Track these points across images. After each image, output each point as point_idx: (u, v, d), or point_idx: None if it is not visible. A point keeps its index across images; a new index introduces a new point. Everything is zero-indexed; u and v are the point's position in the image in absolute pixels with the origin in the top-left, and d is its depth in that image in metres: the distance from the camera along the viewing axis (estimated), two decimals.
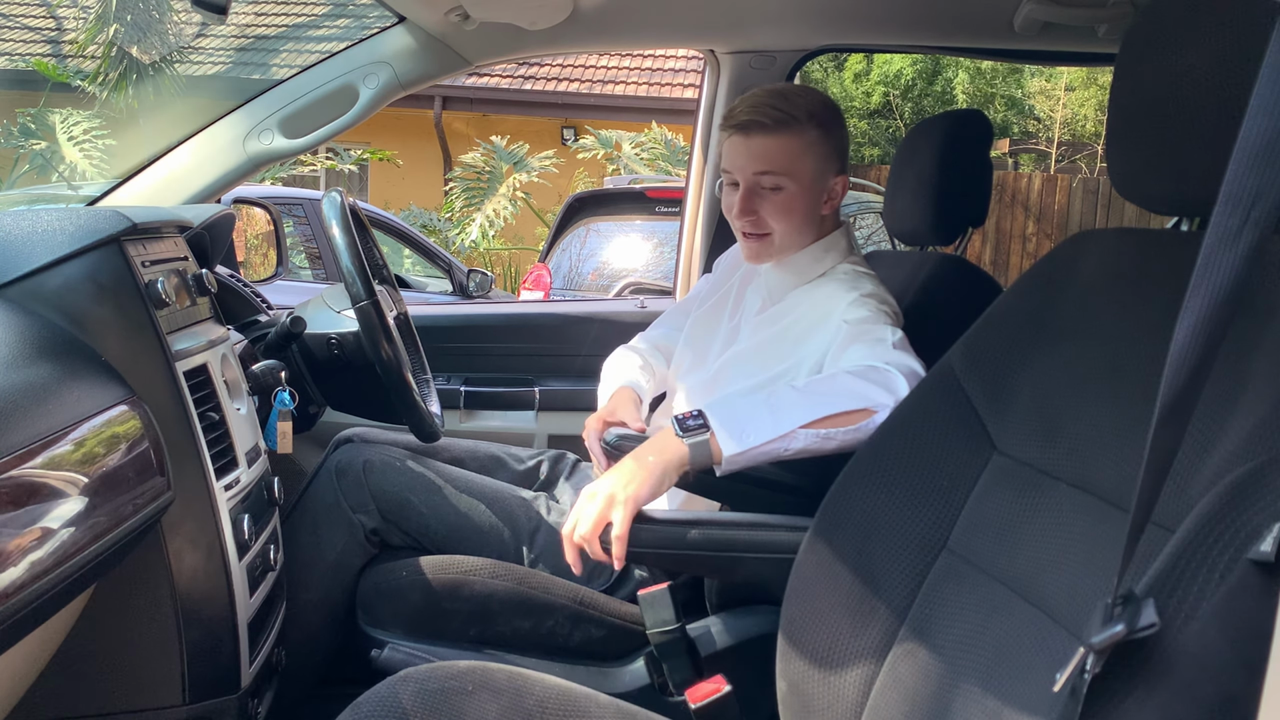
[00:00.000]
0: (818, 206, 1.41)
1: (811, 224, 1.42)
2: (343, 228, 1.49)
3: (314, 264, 5.28)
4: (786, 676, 0.95)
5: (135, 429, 0.97)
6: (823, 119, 1.37)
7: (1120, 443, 0.76)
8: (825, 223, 1.44)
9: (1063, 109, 12.69)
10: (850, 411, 1.13)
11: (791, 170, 1.36)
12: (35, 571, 0.77)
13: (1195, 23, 0.76)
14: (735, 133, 1.38)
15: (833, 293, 1.36)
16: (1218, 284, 0.47)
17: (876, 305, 1.31)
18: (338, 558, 1.44)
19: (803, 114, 1.35)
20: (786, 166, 1.36)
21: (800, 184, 1.37)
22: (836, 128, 1.40)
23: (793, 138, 1.35)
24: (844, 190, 1.42)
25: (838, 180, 1.41)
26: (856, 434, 1.13)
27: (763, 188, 1.37)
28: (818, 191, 1.39)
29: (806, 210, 1.39)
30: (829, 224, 1.45)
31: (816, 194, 1.39)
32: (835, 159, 1.40)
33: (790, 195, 1.37)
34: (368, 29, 1.76)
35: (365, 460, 1.47)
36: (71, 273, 1.04)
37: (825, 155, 1.38)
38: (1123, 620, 0.54)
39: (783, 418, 1.13)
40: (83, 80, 7.81)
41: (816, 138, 1.36)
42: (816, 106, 1.38)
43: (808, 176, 1.37)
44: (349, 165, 7.71)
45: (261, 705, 1.26)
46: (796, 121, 1.35)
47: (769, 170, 1.36)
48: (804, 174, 1.37)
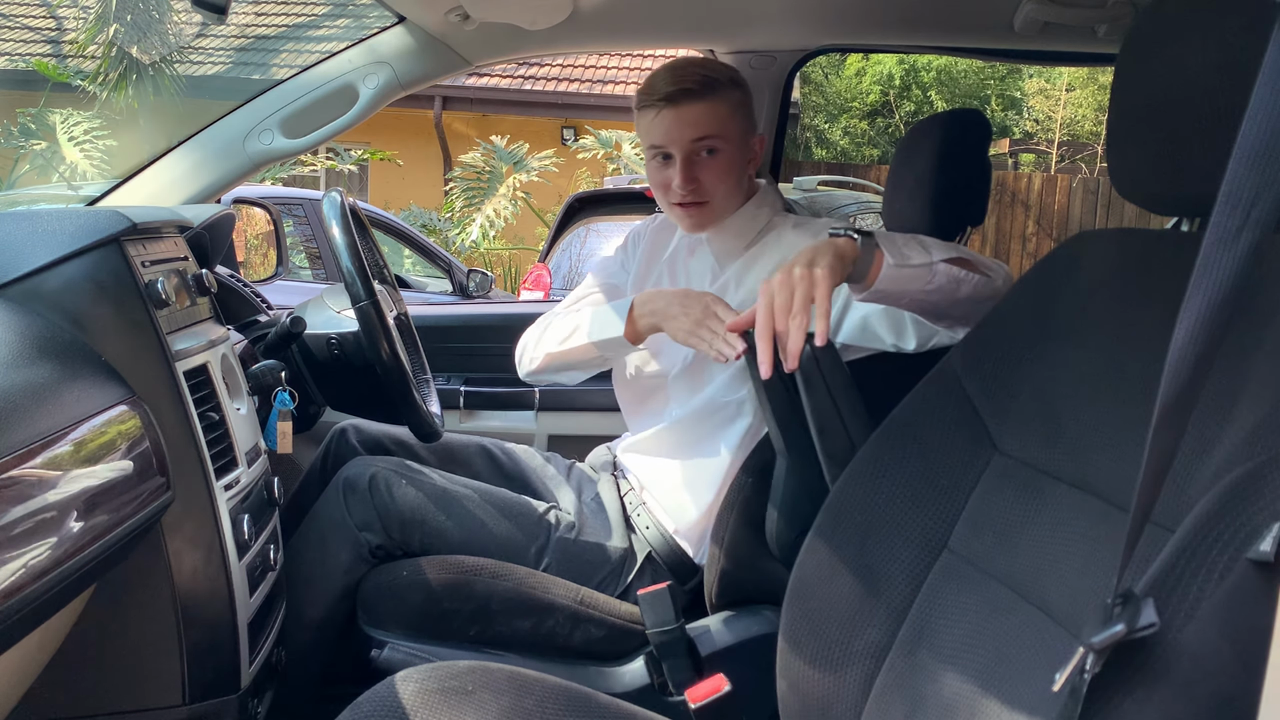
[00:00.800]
0: (746, 167, 1.48)
1: (743, 185, 1.48)
2: (343, 228, 1.49)
3: (314, 264, 5.28)
4: (786, 676, 0.95)
5: (135, 429, 0.97)
6: (739, 81, 1.44)
7: (1120, 443, 0.76)
8: (751, 184, 1.52)
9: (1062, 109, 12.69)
10: (979, 267, 1.17)
11: (725, 132, 1.41)
12: (35, 571, 0.77)
13: (1195, 23, 0.76)
14: (663, 105, 1.42)
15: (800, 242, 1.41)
16: (1217, 284, 0.47)
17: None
18: (344, 575, 1.43)
19: (724, 77, 1.42)
20: (719, 129, 1.40)
21: (733, 144, 1.42)
22: (748, 91, 1.47)
23: (720, 101, 1.40)
24: (762, 149, 1.51)
25: (757, 139, 1.49)
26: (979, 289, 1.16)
27: (700, 154, 1.41)
28: (746, 150, 1.46)
29: (739, 170, 1.46)
30: (751, 186, 1.52)
31: (745, 153, 1.46)
32: (753, 120, 1.48)
33: (727, 157, 1.42)
34: (368, 29, 1.76)
35: (372, 475, 1.45)
36: (71, 273, 1.04)
37: (747, 115, 1.45)
38: (1122, 620, 0.54)
39: (931, 250, 1.14)
40: (83, 80, 7.81)
41: (739, 99, 1.43)
42: (731, 71, 1.45)
43: (737, 136, 1.43)
44: (349, 165, 7.70)
45: (261, 705, 1.26)
46: (721, 85, 1.40)
47: (706, 135, 1.40)
48: (734, 135, 1.42)
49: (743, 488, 1.40)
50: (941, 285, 1.14)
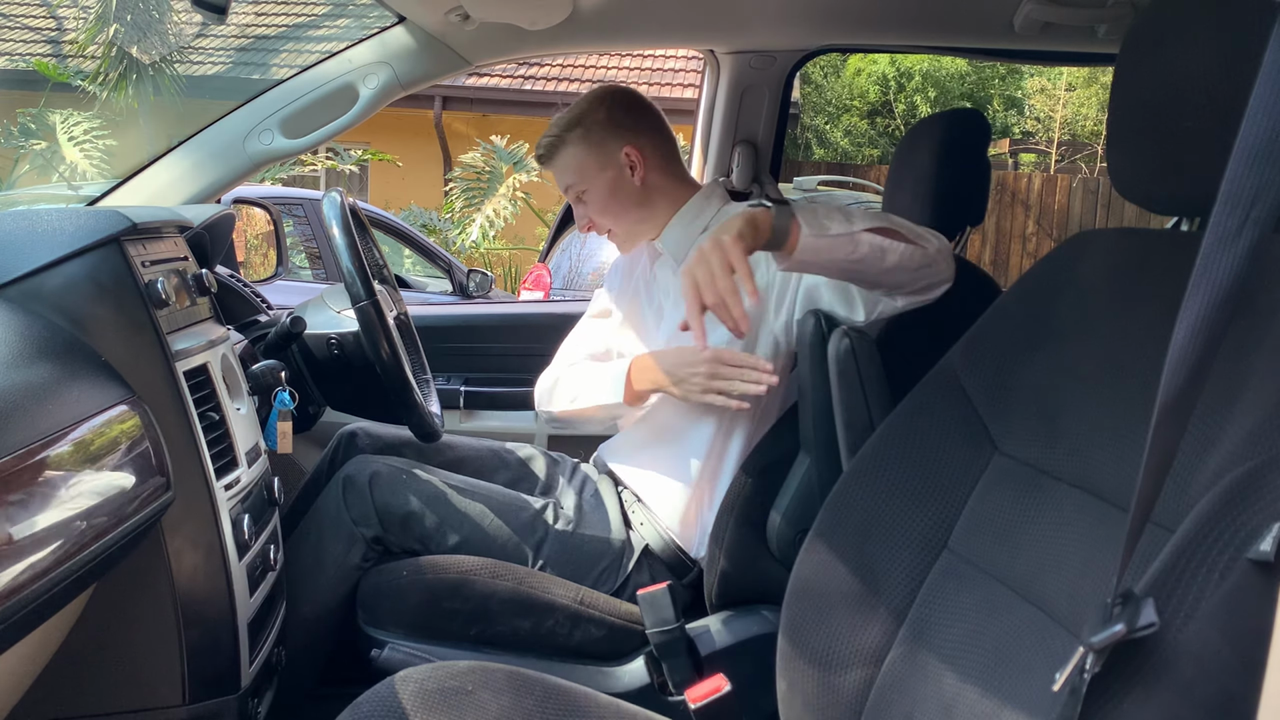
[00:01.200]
0: (627, 183, 1.54)
1: (633, 197, 1.54)
2: (343, 228, 1.49)
3: (314, 264, 5.28)
4: (786, 676, 0.95)
5: (135, 429, 0.97)
6: (580, 122, 1.53)
7: (1120, 442, 0.76)
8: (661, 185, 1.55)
9: (1062, 109, 12.69)
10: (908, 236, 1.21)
11: (580, 177, 1.54)
12: (35, 571, 0.77)
13: (1195, 23, 0.76)
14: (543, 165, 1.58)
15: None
16: (1217, 284, 0.47)
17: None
18: (339, 568, 1.44)
19: (562, 130, 1.53)
20: (575, 177, 1.54)
21: (593, 181, 1.53)
22: (596, 119, 1.52)
23: (563, 154, 1.54)
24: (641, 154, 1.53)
25: (626, 150, 1.52)
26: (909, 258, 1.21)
27: (578, 200, 1.56)
28: (613, 174, 1.53)
29: (617, 194, 1.53)
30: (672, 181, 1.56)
31: (613, 177, 1.53)
32: (610, 140, 1.52)
33: (594, 193, 1.54)
34: (368, 29, 1.76)
35: (373, 473, 1.46)
36: (71, 273, 1.04)
37: (594, 146, 1.52)
38: (1122, 620, 0.54)
39: (854, 220, 1.18)
40: (83, 80, 7.81)
41: (578, 142, 1.52)
42: (572, 116, 1.54)
43: (593, 171, 1.53)
44: (349, 166, 7.70)
45: (261, 705, 1.26)
46: (560, 140, 1.53)
47: (568, 186, 1.56)
48: (590, 172, 1.53)
49: (743, 488, 1.40)
50: (865, 255, 1.18)
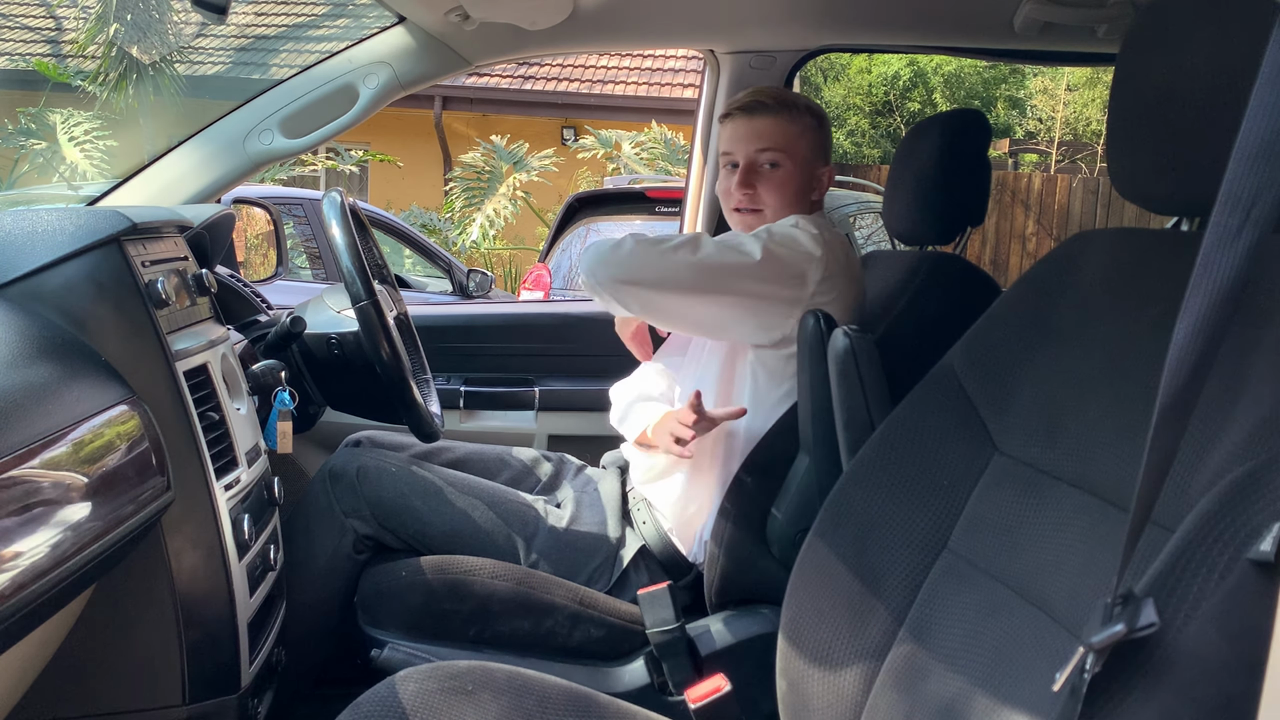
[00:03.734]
0: (809, 191, 1.54)
1: (801, 206, 1.54)
2: (343, 228, 1.49)
3: (314, 264, 5.28)
4: (786, 676, 0.95)
5: (135, 429, 0.97)
6: (817, 113, 1.55)
7: (1120, 442, 0.76)
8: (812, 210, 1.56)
9: (1063, 108, 12.69)
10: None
11: (789, 148, 1.49)
12: (35, 572, 0.77)
13: (1195, 23, 0.76)
14: (739, 114, 1.51)
15: None
16: (1217, 284, 0.47)
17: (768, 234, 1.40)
18: (328, 562, 1.44)
19: (800, 104, 1.52)
20: (784, 144, 1.49)
21: (795, 163, 1.50)
22: (826, 126, 1.55)
23: (791, 120, 1.50)
24: (829, 181, 1.56)
25: (825, 170, 1.54)
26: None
27: (761, 164, 1.50)
28: (809, 174, 1.53)
29: (798, 190, 1.52)
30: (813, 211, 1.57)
31: (808, 177, 1.53)
32: (824, 152, 1.54)
33: (786, 173, 1.50)
34: (368, 29, 1.76)
35: (360, 465, 1.47)
36: (71, 273, 1.04)
37: (817, 144, 1.53)
38: (1122, 620, 0.54)
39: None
40: (83, 80, 7.81)
41: (811, 124, 1.52)
42: (811, 103, 1.55)
43: (802, 157, 1.51)
44: (349, 166, 7.70)
45: (261, 705, 1.26)
46: (795, 108, 1.50)
47: (769, 147, 1.49)
48: (799, 154, 1.51)
49: (743, 488, 1.40)
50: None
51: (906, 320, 1.45)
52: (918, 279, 1.51)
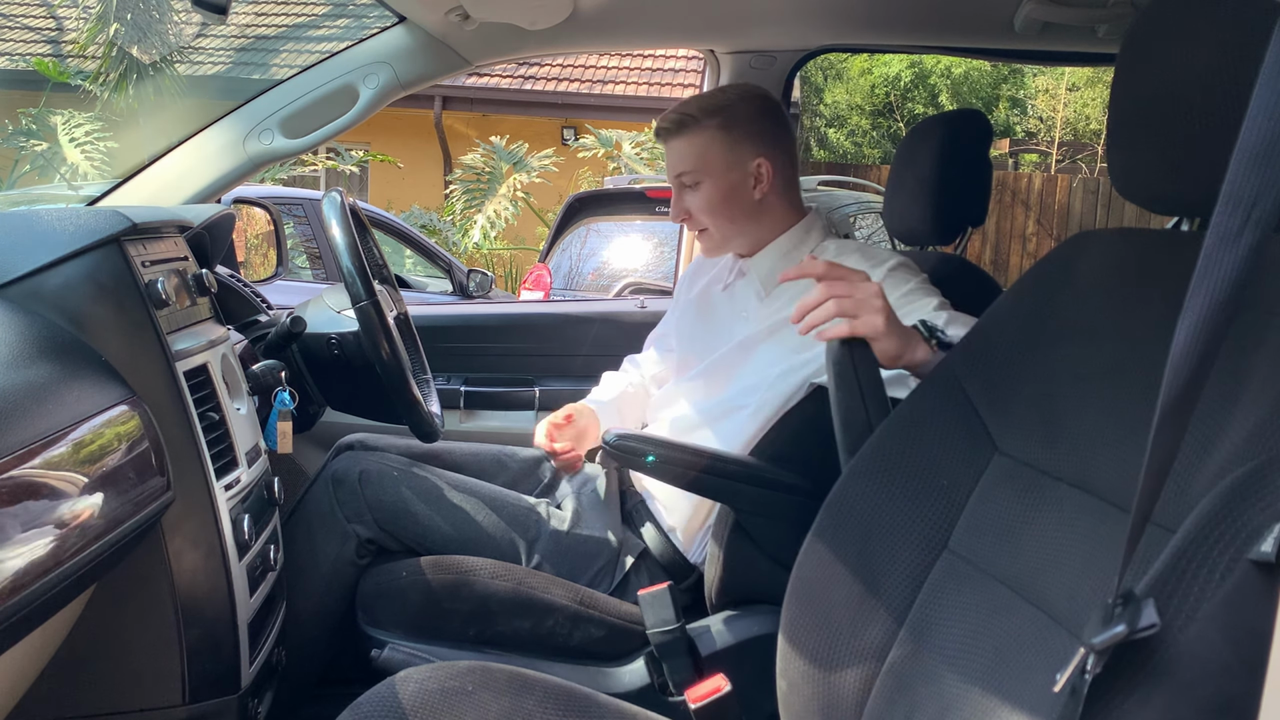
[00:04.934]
0: (745, 193, 1.48)
1: (748, 210, 1.49)
2: (343, 228, 1.49)
3: (314, 264, 5.28)
4: (786, 676, 0.95)
5: (135, 429, 0.97)
6: (724, 113, 1.45)
7: (1121, 443, 0.76)
8: (775, 206, 1.51)
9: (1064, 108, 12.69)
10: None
11: (700, 166, 1.46)
12: (35, 572, 0.77)
13: (1195, 23, 0.75)
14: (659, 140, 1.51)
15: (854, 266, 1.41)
16: (1218, 284, 0.47)
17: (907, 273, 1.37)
18: (331, 566, 1.44)
19: (700, 113, 1.45)
20: (695, 164, 1.46)
21: (715, 175, 1.45)
22: (741, 117, 1.46)
23: (694, 136, 1.45)
24: (771, 170, 1.47)
25: (758, 162, 1.46)
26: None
27: (685, 187, 1.49)
28: (737, 179, 1.46)
29: (731, 199, 1.47)
30: (783, 206, 1.52)
31: (736, 182, 1.46)
32: (747, 144, 1.46)
33: (708, 189, 1.46)
34: (368, 29, 1.76)
35: (362, 469, 1.46)
36: (71, 273, 1.04)
37: (731, 144, 1.45)
38: (1123, 620, 0.54)
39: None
40: (83, 80, 7.81)
41: (715, 129, 1.45)
42: (716, 103, 1.46)
43: (718, 168, 1.45)
44: (349, 166, 7.70)
45: (261, 705, 1.26)
46: (694, 121, 1.45)
47: (683, 170, 1.48)
48: (716, 166, 1.45)
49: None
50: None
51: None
52: None
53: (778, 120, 1.52)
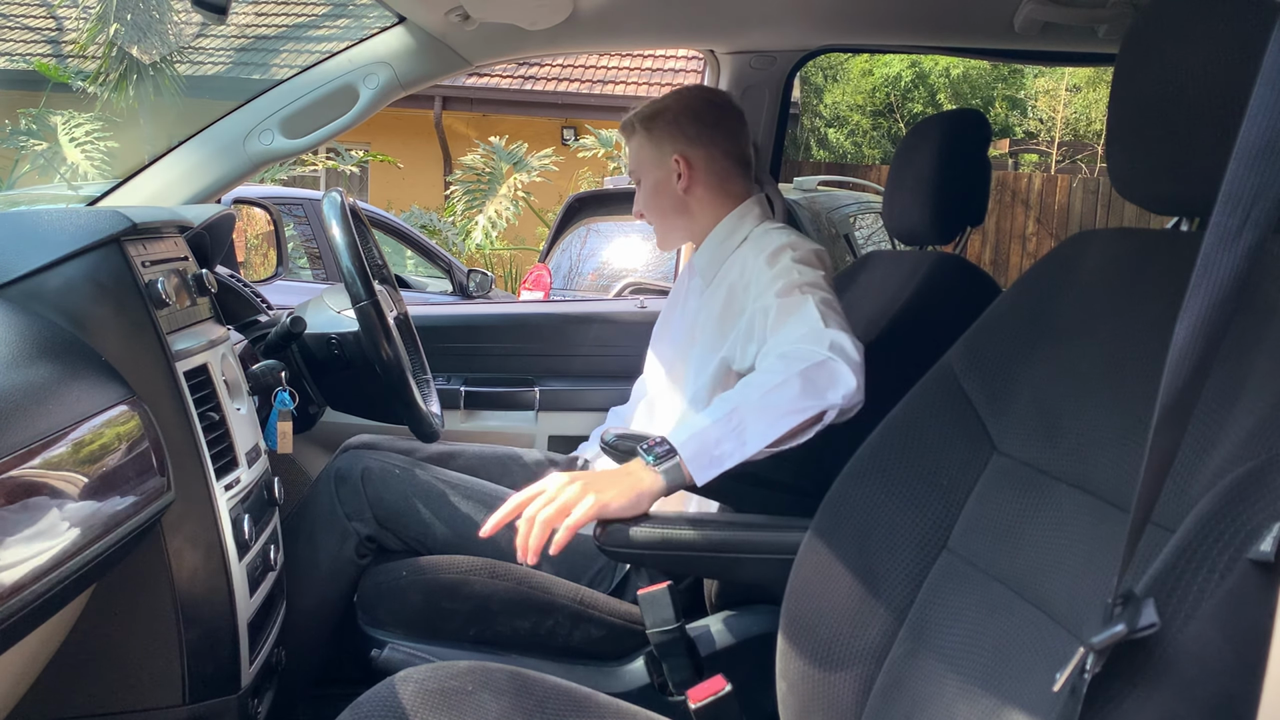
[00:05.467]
0: (670, 187, 1.56)
1: (672, 204, 1.57)
2: (343, 228, 1.49)
3: (314, 264, 5.28)
4: (786, 676, 0.95)
5: (135, 429, 0.97)
6: (654, 116, 1.57)
7: (1120, 443, 0.76)
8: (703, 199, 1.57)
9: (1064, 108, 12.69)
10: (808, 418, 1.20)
11: (636, 166, 1.60)
12: (35, 571, 0.77)
13: (1195, 23, 0.76)
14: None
15: (745, 257, 1.48)
16: (1218, 284, 0.47)
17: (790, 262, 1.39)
18: (332, 564, 1.44)
19: (637, 118, 1.59)
20: (635, 164, 1.61)
21: (646, 174, 1.59)
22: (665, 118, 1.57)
23: (631, 140, 1.61)
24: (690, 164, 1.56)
25: (676, 158, 1.55)
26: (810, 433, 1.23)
27: (637, 183, 1.62)
28: (661, 175, 1.56)
29: (659, 194, 1.57)
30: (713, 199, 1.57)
31: (661, 178, 1.57)
32: (668, 142, 1.56)
33: (647, 185, 1.59)
34: (368, 29, 1.76)
35: (364, 468, 1.47)
36: (71, 273, 1.04)
37: (653, 143, 1.57)
38: (1123, 620, 0.54)
39: (748, 442, 1.19)
40: (83, 81, 7.81)
41: (643, 133, 1.58)
42: (652, 108, 1.59)
43: (647, 166, 1.58)
44: (350, 166, 7.70)
45: (261, 705, 1.26)
46: (631, 128, 1.60)
47: (631, 170, 1.62)
48: (644, 166, 1.59)
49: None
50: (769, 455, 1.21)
51: (906, 320, 1.45)
52: (918, 279, 1.51)
53: (704, 117, 1.57)
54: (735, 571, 1.30)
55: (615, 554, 1.27)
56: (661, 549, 1.23)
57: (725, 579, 1.38)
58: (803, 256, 1.41)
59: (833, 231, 4.51)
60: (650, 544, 1.24)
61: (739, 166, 1.59)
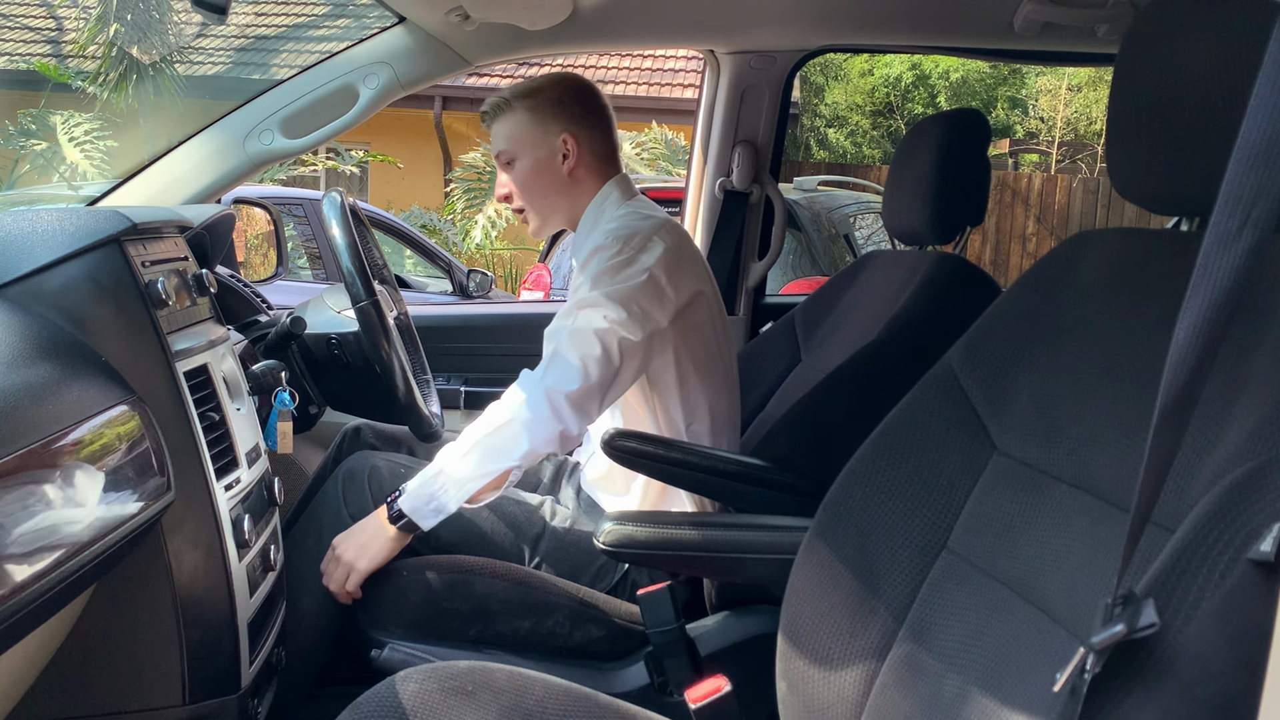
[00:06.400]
0: (553, 166, 1.53)
1: (554, 184, 1.55)
2: (343, 228, 1.49)
3: (314, 264, 5.28)
4: (786, 676, 0.95)
5: (135, 429, 0.97)
6: (533, 95, 1.53)
7: (1120, 443, 0.76)
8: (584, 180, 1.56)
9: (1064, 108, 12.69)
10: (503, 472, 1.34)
11: (512, 146, 1.54)
12: (35, 571, 0.77)
13: (1195, 23, 0.76)
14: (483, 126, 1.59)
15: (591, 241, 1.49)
16: (1218, 284, 0.47)
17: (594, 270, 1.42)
18: None
19: (513, 95, 1.53)
20: (507, 144, 1.54)
21: (523, 154, 1.53)
22: (548, 98, 1.53)
23: (504, 118, 1.54)
24: (578, 144, 1.53)
25: (565, 136, 1.52)
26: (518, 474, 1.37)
27: (503, 166, 1.56)
28: (544, 154, 1.53)
29: (540, 174, 1.54)
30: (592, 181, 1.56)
31: (544, 157, 1.53)
32: (554, 121, 1.52)
33: (521, 166, 1.54)
34: (368, 29, 1.76)
35: (372, 466, 1.47)
36: (71, 273, 1.04)
37: (538, 121, 1.52)
38: (1123, 620, 0.54)
39: (466, 489, 1.34)
40: (83, 81, 7.81)
41: (524, 111, 1.53)
42: (528, 87, 1.54)
43: (527, 145, 1.53)
44: (350, 166, 7.70)
45: (261, 705, 1.26)
46: (507, 106, 1.53)
47: (499, 151, 1.55)
48: (523, 145, 1.53)
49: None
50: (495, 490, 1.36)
51: (906, 320, 1.45)
52: (918, 279, 1.51)
53: (587, 100, 1.57)
54: (735, 571, 1.30)
55: (616, 554, 1.27)
56: (662, 549, 1.24)
57: (725, 579, 1.38)
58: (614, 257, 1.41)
59: (833, 231, 4.51)
60: (650, 544, 1.24)
61: (614, 153, 1.59)
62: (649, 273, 1.40)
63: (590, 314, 1.37)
